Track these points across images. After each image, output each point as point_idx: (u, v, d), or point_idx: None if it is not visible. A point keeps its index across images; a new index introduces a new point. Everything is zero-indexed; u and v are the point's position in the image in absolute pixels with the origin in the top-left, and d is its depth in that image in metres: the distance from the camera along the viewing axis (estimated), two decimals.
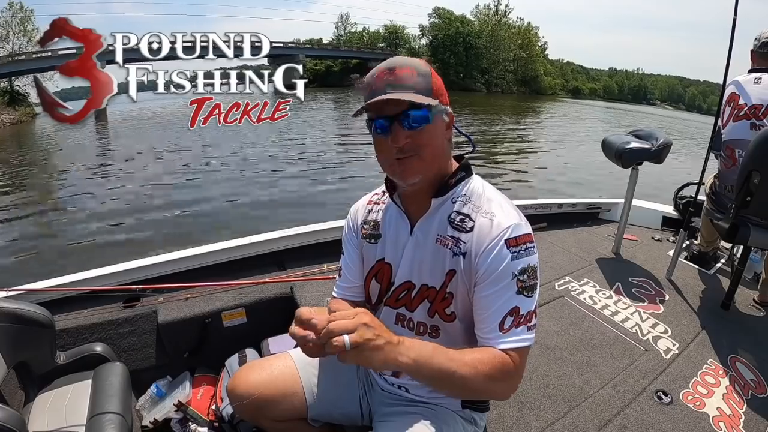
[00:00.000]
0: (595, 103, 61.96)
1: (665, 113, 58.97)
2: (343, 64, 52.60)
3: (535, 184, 8.11)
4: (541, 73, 60.09)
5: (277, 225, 2.53)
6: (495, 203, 0.76)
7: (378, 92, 0.69)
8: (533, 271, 0.72)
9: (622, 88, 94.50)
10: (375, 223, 0.86)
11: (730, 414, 1.23)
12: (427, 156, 0.72)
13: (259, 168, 8.51)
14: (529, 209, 2.58)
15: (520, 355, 0.72)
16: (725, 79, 1.81)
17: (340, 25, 57.63)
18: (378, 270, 0.85)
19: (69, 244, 4.85)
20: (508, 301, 0.71)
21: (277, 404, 0.90)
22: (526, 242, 0.72)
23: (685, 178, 2.69)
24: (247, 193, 6.83)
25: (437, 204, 0.77)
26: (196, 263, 1.76)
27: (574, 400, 1.24)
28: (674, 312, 1.74)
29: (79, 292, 1.54)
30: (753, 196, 1.62)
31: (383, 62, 0.73)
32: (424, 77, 0.71)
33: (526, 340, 0.71)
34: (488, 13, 56.74)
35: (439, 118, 0.73)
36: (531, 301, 0.72)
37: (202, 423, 1.34)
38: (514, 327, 0.71)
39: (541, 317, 1.65)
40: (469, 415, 0.86)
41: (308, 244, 1.97)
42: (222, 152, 9.79)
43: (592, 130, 18.94)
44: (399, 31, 55.05)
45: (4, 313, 1.11)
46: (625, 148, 2.09)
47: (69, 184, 7.72)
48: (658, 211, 2.72)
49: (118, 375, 1.23)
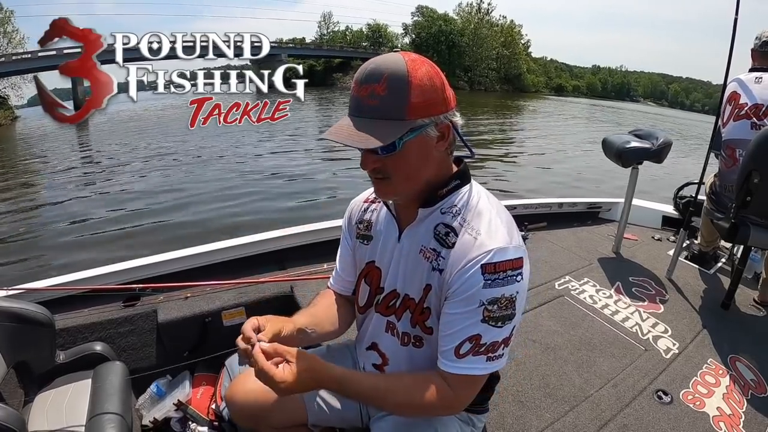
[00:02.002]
0: (579, 100, 62.25)
1: (649, 110, 59.25)
2: (326, 64, 52.46)
3: (516, 182, 8.00)
4: (524, 71, 60.53)
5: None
6: (485, 219, 0.70)
7: (350, 110, 0.66)
8: (508, 302, 0.66)
9: (605, 85, 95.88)
10: (368, 223, 0.85)
11: (730, 414, 1.23)
12: (398, 180, 0.68)
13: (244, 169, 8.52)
14: (529, 209, 2.58)
15: (467, 383, 0.70)
16: (726, 78, 1.81)
17: (323, 24, 57.71)
18: (368, 272, 0.83)
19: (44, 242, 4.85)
20: (470, 327, 0.67)
21: (276, 412, 0.89)
22: (506, 269, 0.66)
23: (671, 174, 2.68)
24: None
25: (424, 214, 0.73)
26: (196, 262, 1.76)
27: (574, 400, 1.24)
28: (674, 312, 1.74)
29: (79, 291, 1.54)
30: (753, 195, 1.61)
31: (363, 65, 0.66)
32: (398, 94, 0.62)
33: (478, 369, 0.68)
34: (471, 12, 57.21)
35: (419, 139, 0.65)
36: (498, 331, 0.67)
37: (202, 422, 1.34)
38: (471, 354, 0.67)
39: (541, 317, 1.66)
40: (466, 417, 0.86)
41: (308, 244, 1.97)
42: (203, 152, 9.78)
43: (574, 128, 19.09)
44: (382, 29, 55.29)
45: (4, 312, 1.11)
46: (625, 148, 2.09)
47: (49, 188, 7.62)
48: (659, 210, 2.72)
49: (118, 374, 1.23)
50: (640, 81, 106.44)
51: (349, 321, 0.93)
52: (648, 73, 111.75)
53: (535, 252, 2.21)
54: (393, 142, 0.63)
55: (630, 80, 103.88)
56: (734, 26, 1.74)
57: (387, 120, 0.62)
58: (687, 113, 71.07)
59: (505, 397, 1.25)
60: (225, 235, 1.92)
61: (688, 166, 8.38)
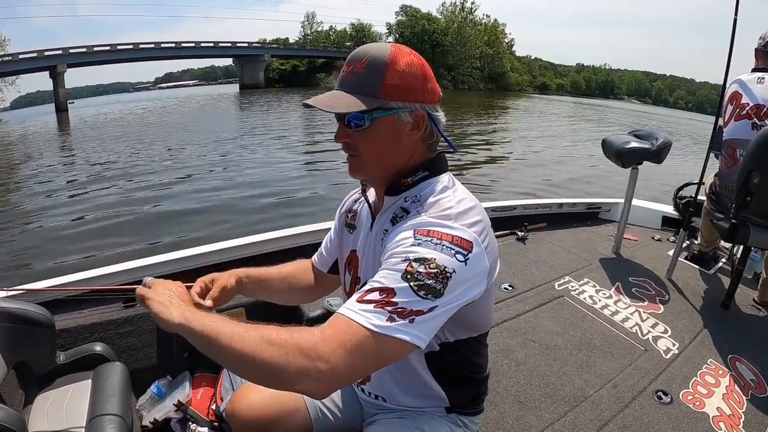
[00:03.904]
0: (563, 98, 62.36)
1: (633, 107, 59.37)
2: (310, 64, 53.01)
3: (497, 180, 7.98)
4: (507, 70, 60.87)
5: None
6: (443, 205, 0.65)
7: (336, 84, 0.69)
8: (438, 272, 0.57)
9: (589, 84, 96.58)
10: (354, 213, 0.86)
11: (730, 414, 1.23)
12: (367, 159, 0.69)
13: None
14: (529, 209, 2.58)
15: (345, 333, 0.54)
16: (726, 78, 1.81)
17: (307, 24, 58.18)
18: (350, 260, 0.85)
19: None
20: (387, 279, 0.57)
21: (280, 424, 0.87)
22: (441, 238, 0.59)
23: (661, 174, 2.69)
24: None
25: (389, 202, 0.73)
26: (195, 263, 1.76)
27: (574, 400, 1.24)
28: (674, 312, 1.74)
29: (79, 292, 1.54)
30: (753, 195, 1.62)
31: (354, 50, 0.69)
32: (374, 73, 0.64)
33: (370, 321, 0.54)
34: (454, 11, 57.84)
35: (389, 120, 0.66)
36: (417, 300, 0.56)
37: (202, 423, 1.34)
38: (374, 305, 0.56)
39: (540, 317, 1.66)
40: (455, 419, 0.83)
41: (308, 244, 1.97)
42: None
43: (556, 126, 19.08)
44: (366, 29, 55.94)
45: (4, 312, 1.11)
46: (625, 148, 2.09)
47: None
48: (658, 211, 2.72)
49: (118, 375, 1.23)
50: (623, 79, 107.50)
51: (314, 293, 1.00)
52: (632, 71, 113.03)
53: (535, 252, 2.22)
54: (362, 116, 0.65)
55: (614, 78, 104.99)
56: (734, 26, 1.74)
57: (360, 94, 0.65)
58: (670, 110, 71.47)
59: (505, 397, 1.25)
60: (221, 237, 1.93)
61: (680, 165, 8.36)
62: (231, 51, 48.92)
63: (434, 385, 0.78)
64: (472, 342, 0.75)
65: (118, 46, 38.00)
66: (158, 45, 41.39)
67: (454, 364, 0.77)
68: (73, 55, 32.90)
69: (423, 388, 0.78)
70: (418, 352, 0.65)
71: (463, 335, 0.73)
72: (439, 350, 0.73)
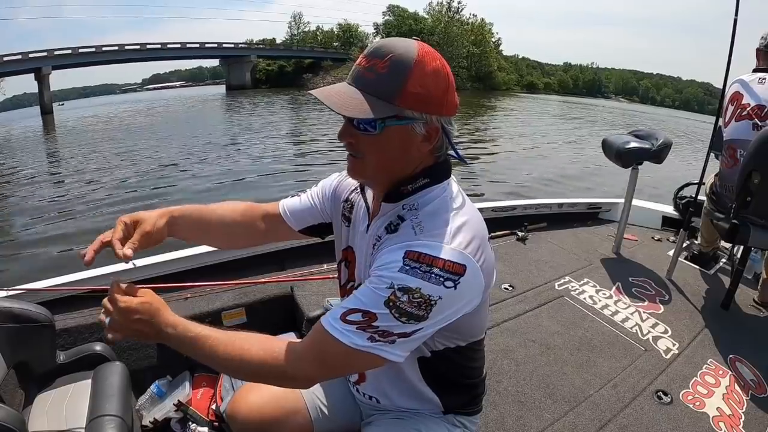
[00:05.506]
0: (550, 97, 62.31)
1: (621, 106, 59.54)
2: (297, 64, 52.40)
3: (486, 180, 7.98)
4: (495, 69, 60.55)
5: None
6: (436, 218, 0.63)
7: (348, 77, 0.63)
8: (422, 301, 0.56)
9: (576, 82, 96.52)
10: (351, 205, 0.82)
11: (730, 414, 1.23)
12: (370, 164, 0.64)
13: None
14: (529, 209, 2.58)
15: (324, 344, 0.59)
16: (726, 78, 1.81)
17: (293, 25, 57.71)
18: (346, 257, 0.82)
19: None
20: (371, 303, 0.58)
21: (281, 424, 0.87)
22: (431, 265, 0.57)
23: (652, 173, 2.69)
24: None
25: (387, 208, 0.69)
26: (196, 263, 1.76)
27: (574, 400, 1.24)
28: (674, 312, 1.74)
29: (79, 292, 1.54)
30: (753, 196, 1.62)
31: (376, 42, 0.63)
32: (396, 76, 0.58)
33: (352, 341, 0.57)
34: (441, 10, 57.48)
35: (402, 130, 0.61)
36: (398, 324, 0.57)
37: (202, 423, 1.34)
38: (356, 327, 0.58)
39: (541, 317, 1.66)
40: (453, 419, 0.82)
41: (308, 244, 1.97)
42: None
43: (544, 125, 19.07)
44: (353, 29, 55.11)
45: (4, 312, 1.11)
46: (625, 148, 2.09)
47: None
48: (658, 211, 2.72)
49: (118, 375, 1.23)
50: (611, 77, 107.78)
51: (261, 240, 0.92)
52: (619, 70, 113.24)
53: (535, 252, 2.22)
54: (374, 122, 0.60)
55: (601, 77, 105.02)
56: (734, 26, 1.74)
57: (375, 97, 0.59)
58: (657, 108, 71.79)
59: (505, 397, 1.25)
60: None
61: (673, 163, 8.32)
62: (217, 52, 48.88)
63: (427, 390, 0.77)
64: (464, 349, 0.73)
65: (104, 47, 37.99)
66: (144, 46, 41.25)
67: (447, 370, 0.76)
68: (58, 57, 32.75)
69: (416, 391, 0.78)
70: (410, 358, 0.66)
71: (455, 343, 0.72)
72: (430, 357, 0.72)
